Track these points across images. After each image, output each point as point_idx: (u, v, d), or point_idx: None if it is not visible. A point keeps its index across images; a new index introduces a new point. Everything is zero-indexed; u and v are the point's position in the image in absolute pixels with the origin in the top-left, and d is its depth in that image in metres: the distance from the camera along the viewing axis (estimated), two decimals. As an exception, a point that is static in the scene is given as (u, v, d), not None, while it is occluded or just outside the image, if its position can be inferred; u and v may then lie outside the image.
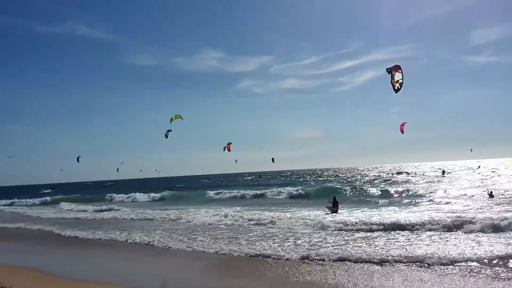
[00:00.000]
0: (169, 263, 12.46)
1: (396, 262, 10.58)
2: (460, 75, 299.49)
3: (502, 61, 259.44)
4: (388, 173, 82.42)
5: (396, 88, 12.66)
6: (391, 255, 11.21)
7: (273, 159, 54.28)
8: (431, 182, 47.79)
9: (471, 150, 71.35)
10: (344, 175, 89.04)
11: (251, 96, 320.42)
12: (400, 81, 12.61)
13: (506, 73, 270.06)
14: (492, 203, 23.62)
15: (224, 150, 48.97)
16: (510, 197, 26.10)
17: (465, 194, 29.85)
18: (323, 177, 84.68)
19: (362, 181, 59.99)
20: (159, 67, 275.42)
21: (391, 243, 13.04)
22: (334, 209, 23.25)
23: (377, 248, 12.40)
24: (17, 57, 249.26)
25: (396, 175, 70.08)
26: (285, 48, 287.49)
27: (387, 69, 12.83)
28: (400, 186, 42.30)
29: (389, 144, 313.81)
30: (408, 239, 13.60)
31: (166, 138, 26.95)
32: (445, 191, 32.74)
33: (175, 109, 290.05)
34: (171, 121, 24.04)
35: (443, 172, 63.04)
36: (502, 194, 27.54)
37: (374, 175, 77.06)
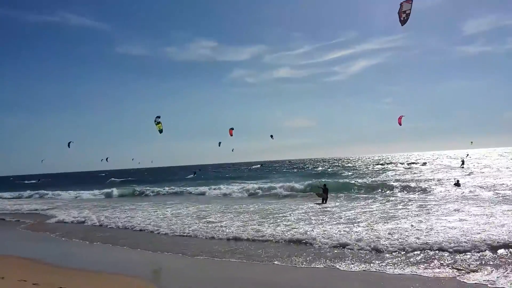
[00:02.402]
0: None
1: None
2: (453, 65, 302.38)
3: (495, 51, 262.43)
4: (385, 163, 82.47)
5: (402, 18, 11.77)
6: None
7: (272, 136, 53.58)
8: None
9: (471, 142, 71.54)
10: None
11: (243, 86, 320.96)
12: (408, 11, 11.68)
13: (499, 62, 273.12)
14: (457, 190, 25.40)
15: (219, 145, 49.30)
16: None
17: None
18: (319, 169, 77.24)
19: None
20: (151, 57, 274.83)
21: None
22: (324, 195, 23.95)
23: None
24: (5, 47, 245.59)
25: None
26: (278, 37, 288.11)
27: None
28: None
29: (382, 134, 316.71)
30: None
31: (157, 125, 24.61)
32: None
33: (168, 98, 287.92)
34: (160, 132, 21.89)
35: (463, 162, 56.51)
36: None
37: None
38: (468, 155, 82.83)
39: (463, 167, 51.18)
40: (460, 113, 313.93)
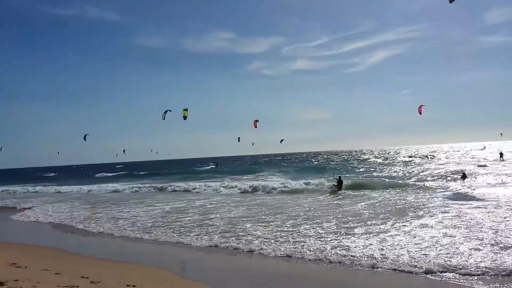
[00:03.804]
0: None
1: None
2: (475, 55, 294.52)
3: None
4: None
5: None
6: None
7: (281, 140, 54.41)
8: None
9: (501, 134, 69.47)
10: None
11: (261, 78, 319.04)
12: None
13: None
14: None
15: (239, 140, 49.77)
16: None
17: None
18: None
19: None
20: (168, 49, 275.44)
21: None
22: (338, 186, 25.19)
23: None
24: (26, 39, 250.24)
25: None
26: (296, 29, 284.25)
27: None
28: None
29: (401, 126, 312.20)
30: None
31: (164, 119, 25.97)
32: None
33: (185, 90, 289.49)
34: (185, 118, 24.47)
35: (501, 155, 50.21)
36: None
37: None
38: (484, 147, 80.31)
39: (503, 160, 46.93)
40: (483, 104, 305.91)
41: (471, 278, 7.72)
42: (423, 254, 9.30)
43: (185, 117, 24.33)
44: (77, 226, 16.98)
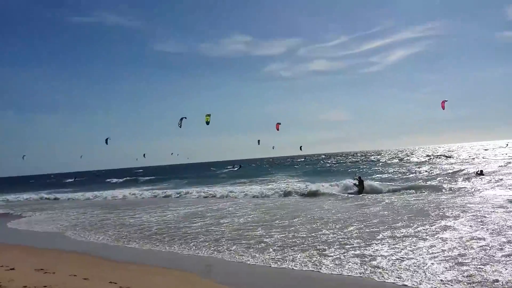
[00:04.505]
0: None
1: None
2: (496, 51, 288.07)
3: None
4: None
5: None
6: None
7: (301, 147, 54.19)
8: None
9: None
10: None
11: (279, 80, 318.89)
12: None
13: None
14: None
15: (258, 143, 49.74)
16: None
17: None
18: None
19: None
20: (187, 54, 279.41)
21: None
22: (359, 187, 24.50)
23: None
24: (47, 47, 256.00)
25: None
26: (313, 30, 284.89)
27: None
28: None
29: (420, 125, 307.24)
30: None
31: (180, 127, 26.25)
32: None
33: (203, 94, 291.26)
34: (207, 123, 25.05)
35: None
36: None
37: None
38: (507, 145, 77.92)
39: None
40: (507, 100, 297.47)
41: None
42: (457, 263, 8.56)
43: (207, 122, 24.80)
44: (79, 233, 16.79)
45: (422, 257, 9.19)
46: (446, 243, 10.33)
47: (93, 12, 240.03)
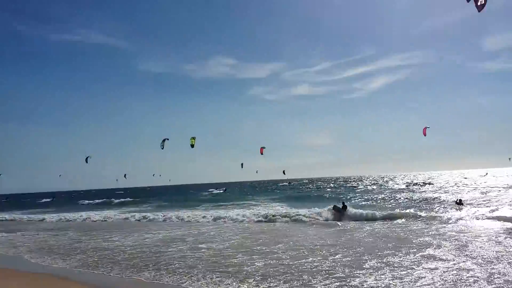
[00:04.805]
0: None
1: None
2: (474, 81, 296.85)
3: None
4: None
5: (479, 3, 10.08)
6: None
7: (284, 172, 54.49)
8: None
9: (510, 159, 67.83)
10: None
11: (262, 103, 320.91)
12: None
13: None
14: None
15: (242, 167, 48.99)
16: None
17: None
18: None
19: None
20: (171, 74, 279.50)
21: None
22: (342, 211, 24.90)
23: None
24: (30, 64, 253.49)
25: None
26: (297, 54, 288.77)
27: None
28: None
29: (401, 151, 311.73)
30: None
31: (162, 149, 26.17)
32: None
33: (187, 115, 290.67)
34: (192, 146, 25.01)
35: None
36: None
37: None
38: (487, 173, 79.15)
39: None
40: (488, 129, 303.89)
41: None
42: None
43: (192, 145, 24.81)
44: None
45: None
46: (433, 273, 9.93)
47: (77, 30, 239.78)
